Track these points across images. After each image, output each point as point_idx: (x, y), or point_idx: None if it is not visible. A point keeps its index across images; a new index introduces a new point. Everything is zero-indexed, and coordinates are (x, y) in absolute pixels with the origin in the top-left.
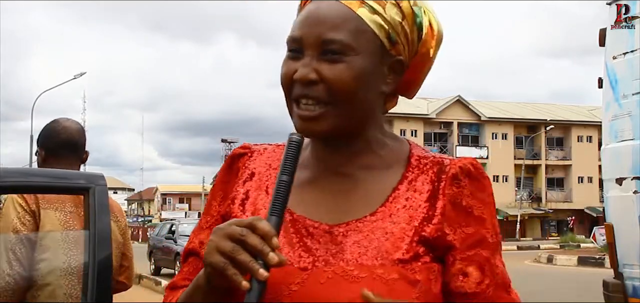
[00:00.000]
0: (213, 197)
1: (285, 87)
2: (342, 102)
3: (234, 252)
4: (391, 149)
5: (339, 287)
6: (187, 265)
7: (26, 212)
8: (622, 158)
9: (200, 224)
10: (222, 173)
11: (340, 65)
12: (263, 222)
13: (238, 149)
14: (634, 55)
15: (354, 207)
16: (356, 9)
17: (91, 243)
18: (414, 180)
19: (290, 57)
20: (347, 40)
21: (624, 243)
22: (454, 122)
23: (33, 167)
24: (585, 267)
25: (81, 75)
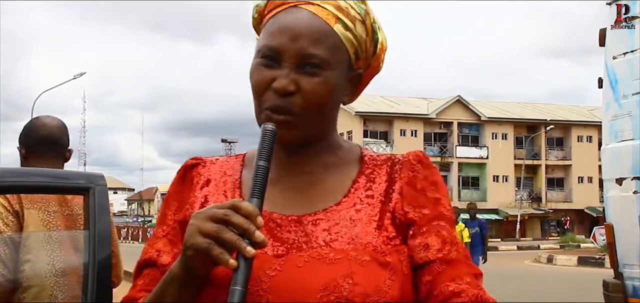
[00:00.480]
0: (167, 207)
1: (258, 93)
2: (314, 114)
3: (219, 232)
4: (346, 151)
5: (316, 268)
6: (142, 278)
7: (9, 213)
8: (622, 158)
9: (156, 234)
10: (175, 184)
11: (317, 79)
12: (245, 203)
13: (190, 161)
14: (634, 55)
15: (318, 200)
16: (333, 25)
17: (91, 243)
18: (371, 174)
19: (264, 64)
20: (326, 56)
21: (624, 243)
22: (454, 122)
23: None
24: (585, 267)
25: (81, 75)
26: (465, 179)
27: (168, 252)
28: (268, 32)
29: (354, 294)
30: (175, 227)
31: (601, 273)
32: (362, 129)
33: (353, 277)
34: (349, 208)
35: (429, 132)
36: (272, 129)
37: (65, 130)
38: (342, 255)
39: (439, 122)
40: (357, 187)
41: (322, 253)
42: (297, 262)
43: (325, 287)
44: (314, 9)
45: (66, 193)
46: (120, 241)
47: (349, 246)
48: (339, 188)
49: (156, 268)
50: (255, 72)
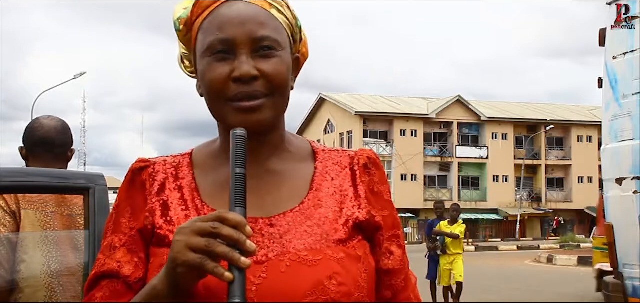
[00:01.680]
0: (120, 215)
1: (218, 89)
2: (278, 95)
3: (210, 246)
4: (297, 145)
5: (300, 272)
6: (101, 290)
7: (6, 213)
8: (622, 158)
9: (112, 244)
10: (125, 189)
11: (274, 59)
12: (232, 213)
13: (137, 164)
14: (634, 55)
15: (283, 199)
16: (269, 10)
17: (91, 243)
18: (328, 170)
19: (217, 59)
20: (275, 37)
21: (624, 243)
22: (454, 122)
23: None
24: (585, 267)
25: (81, 75)
26: (465, 179)
27: (129, 262)
28: (211, 29)
29: (340, 294)
30: (134, 235)
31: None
32: (362, 128)
33: (336, 277)
34: (316, 206)
35: (429, 132)
36: (242, 134)
37: (66, 130)
38: (321, 255)
39: (439, 122)
40: (318, 183)
41: (302, 256)
42: (280, 267)
43: (312, 290)
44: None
45: (66, 194)
46: None
47: (324, 244)
48: (301, 186)
49: (118, 281)
50: (209, 70)
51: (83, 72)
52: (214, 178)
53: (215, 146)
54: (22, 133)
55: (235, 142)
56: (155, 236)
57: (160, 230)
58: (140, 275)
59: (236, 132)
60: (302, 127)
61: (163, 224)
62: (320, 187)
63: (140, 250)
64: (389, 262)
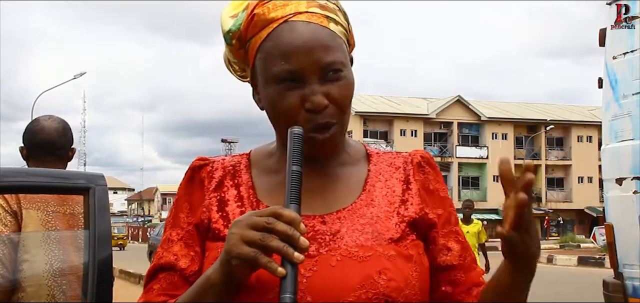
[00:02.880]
0: (179, 210)
1: (291, 119)
2: (345, 116)
3: (264, 240)
4: (353, 147)
5: (349, 267)
6: (158, 282)
7: (8, 213)
8: (622, 158)
9: (170, 238)
10: (184, 186)
11: (341, 82)
12: (287, 210)
13: (197, 162)
14: (634, 55)
15: (336, 199)
16: (328, 25)
17: (91, 243)
18: (381, 171)
19: (286, 88)
20: (340, 58)
21: (624, 243)
22: (454, 122)
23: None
24: (585, 267)
25: (81, 75)
26: (465, 179)
27: (185, 255)
28: (275, 57)
29: (390, 289)
30: (191, 230)
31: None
32: (362, 128)
33: (386, 272)
34: (368, 205)
35: (429, 132)
36: (299, 133)
37: (66, 131)
38: (371, 251)
39: (439, 122)
40: (371, 184)
41: (352, 252)
42: (330, 261)
43: (361, 284)
44: (306, 17)
45: (66, 194)
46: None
47: (375, 242)
48: (355, 186)
49: (174, 273)
50: (279, 98)
51: (83, 72)
52: (270, 179)
53: (273, 148)
54: (22, 133)
55: (293, 140)
56: (211, 230)
57: (216, 224)
58: (196, 268)
59: (294, 130)
60: None
61: (219, 219)
62: (373, 187)
63: (196, 244)
64: (447, 258)
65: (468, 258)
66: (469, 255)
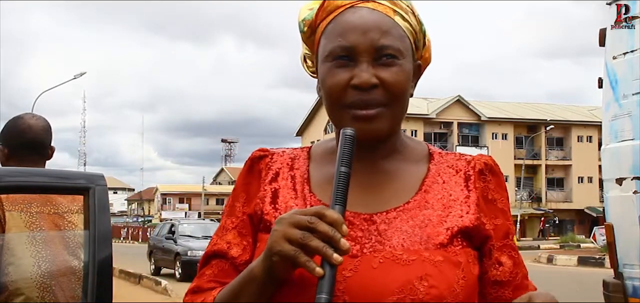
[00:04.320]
0: (236, 199)
1: (337, 95)
2: (397, 104)
3: (305, 239)
4: (413, 147)
5: (391, 270)
6: (211, 268)
7: None
8: (622, 158)
9: (225, 226)
10: (243, 175)
11: (395, 68)
12: (330, 210)
13: (257, 152)
14: (634, 55)
15: (389, 198)
16: (393, 17)
17: (91, 243)
18: (441, 173)
19: (338, 65)
20: (397, 46)
21: (624, 243)
22: (454, 122)
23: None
24: (585, 267)
25: (81, 75)
26: None
27: (238, 244)
28: (334, 34)
29: (429, 296)
30: (245, 220)
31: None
32: None
33: (428, 279)
34: (421, 207)
35: (429, 132)
36: (351, 134)
37: (50, 129)
38: (416, 256)
39: (439, 122)
40: (428, 186)
41: (396, 254)
42: (372, 262)
43: (400, 289)
44: (372, 5)
45: (66, 194)
46: (120, 241)
47: (422, 246)
48: (409, 187)
49: (226, 260)
50: (329, 75)
51: (83, 72)
52: (325, 171)
53: (332, 143)
54: None
55: (344, 141)
56: (263, 222)
57: (268, 216)
58: (247, 258)
59: (346, 131)
60: (302, 127)
61: (270, 211)
62: (430, 189)
63: (249, 234)
64: (498, 273)
65: (519, 276)
66: (520, 272)
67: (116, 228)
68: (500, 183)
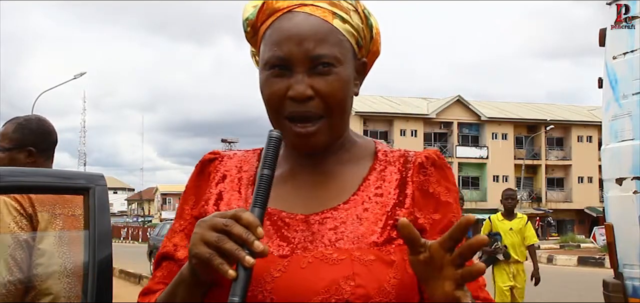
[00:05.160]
0: (185, 202)
1: (275, 105)
2: (335, 113)
3: (219, 242)
4: (359, 146)
5: (318, 270)
6: (161, 270)
7: (23, 216)
8: (622, 158)
9: (174, 228)
10: (193, 178)
11: (331, 77)
12: (246, 213)
13: (208, 155)
14: (634, 55)
15: (327, 198)
16: (331, 21)
17: (91, 243)
18: (383, 171)
19: (275, 74)
20: (334, 53)
21: (624, 243)
22: (454, 122)
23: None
24: (585, 267)
25: (81, 75)
26: (465, 179)
27: (184, 246)
28: (270, 43)
29: (355, 296)
30: (192, 222)
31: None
32: (362, 128)
33: (355, 278)
34: (357, 206)
35: (429, 132)
36: (277, 136)
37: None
38: (346, 255)
39: (439, 122)
40: (367, 184)
41: (326, 254)
42: (301, 262)
43: (326, 288)
44: (309, 9)
45: (66, 193)
46: (120, 241)
47: (354, 245)
48: (349, 187)
49: (173, 262)
50: (267, 85)
51: (83, 72)
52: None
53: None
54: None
55: (269, 144)
56: None
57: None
58: None
59: (272, 134)
60: None
61: (213, 212)
62: (368, 189)
63: None
64: None
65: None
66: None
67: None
68: (445, 176)
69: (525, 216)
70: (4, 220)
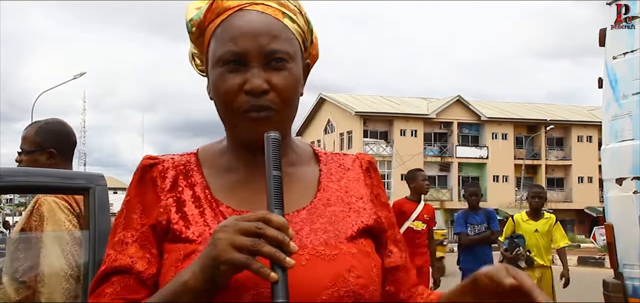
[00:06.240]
0: (131, 211)
1: (230, 99)
2: (287, 107)
3: (256, 246)
4: (301, 147)
5: (319, 266)
6: (111, 285)
7: (72, 214)
8: (622, 158)
9: (123, 240)
10: (134, 185)
11: (284, 72)
12: (275, 215)
13: (147, 160)
14: (634, 55)
15: (295, 199)
16: (282, 19)
17: (91, 243)
18: (332, 171)
19: (229, 70)
20: (287, 49)
21: (624, 243)
22: (454, 122)
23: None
24: (585, 267)
25: (81, 75)
26: (465, 179)
27: (142, 257)
28: (224, 39)
29: (359, 286)
30: (146, 232)
31: (601, 273)
32: (362, 128)
33: (353, 270)
34: (325, 205)
35: (429, 132)
36: (276, 137)
37: None
38: (337, 250)
39: (439, 122)
40: (324, 184)
41: (319, 251)
42: (300, 260)
43: (333, 282)
44: (261, 8)
45: (66, 194)
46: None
47: (337, 240)
48: (309, 187)
49: (129, 276)
50: (221, 80)
51: (83, 72)
52: (225, 178)
53: (222, 146)
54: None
55: (270, 145)
56: (171, 232)
57: (176, 225)
58: (154, 271)
59: (270, 135)
60: (302, 127)
61: (179, 220)
62: (327, 187)
63: (153, 246)
64: (391, 260)
65: (406, 258)
66: (406, 255)
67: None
68: (380, 178)
69: (554, 216)
70: (58, 218)
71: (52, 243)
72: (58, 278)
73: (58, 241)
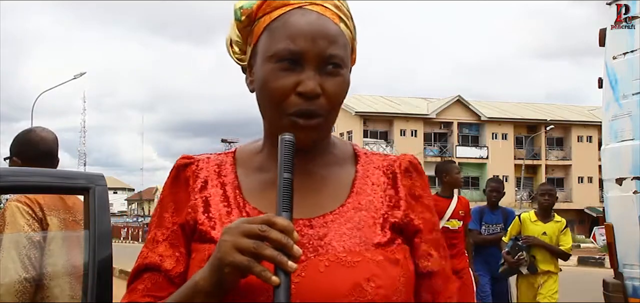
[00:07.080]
0: (164, 209)
1: (280, 100)
2: (334, 113)
3: (258, 248)
4: (340, 148)
5: (338, 273)
6: (143, 282)
7: (34, 219)
8: (622, 158)
9: (155, 238)
10: (169, 185)
11: (338, 78)
12: (280, 218)
13: (182, 160)
14: (634, 55)
15: (324, 202)
16: (338, 23)
17: (91, 243)
18: (369, 173)
19: (283, 68)
20: (342, 55)
21: (624, 243)
22: (454, 122)
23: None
24: (585, 267)
25: (81, 75)
26: (465, 179)
27: (170, 256)
28: (281, 35)
29: (378, 297)
30: (176, 230)
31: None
32: (362, 128)
33: (374, 279)
34: (355, 209)
35: (429, 132)
36: (291, 139)
37: (57, 141)
38: (360, 257)
39: (439, 122)
40: (358, 187)
41: (340, 257)
42: (319, 266)
43: (350, 291)
44: (320, 9)
45: (66, 193)
46: (120, 241)
47: (363, 247)
48: (341, 190)
49: (159, 273)
50: (273, 77)
51: (83, 72)
52: (256, 178)
53: (258, 145)
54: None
55: (284, 147)
56: (197, 232)
57: (202, 226)
58: (181, 269)
59: (285, 137)
60: None
61: (205, 220)
62: (361, 190)
63: (182, 245)
64: (428, 264)
65: (447, 267)
66: (447, 264)
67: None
68: (425, 181)
69: (564, 220)
70: (18, 223)
71: (8, 247)
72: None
73: (15, 245)
